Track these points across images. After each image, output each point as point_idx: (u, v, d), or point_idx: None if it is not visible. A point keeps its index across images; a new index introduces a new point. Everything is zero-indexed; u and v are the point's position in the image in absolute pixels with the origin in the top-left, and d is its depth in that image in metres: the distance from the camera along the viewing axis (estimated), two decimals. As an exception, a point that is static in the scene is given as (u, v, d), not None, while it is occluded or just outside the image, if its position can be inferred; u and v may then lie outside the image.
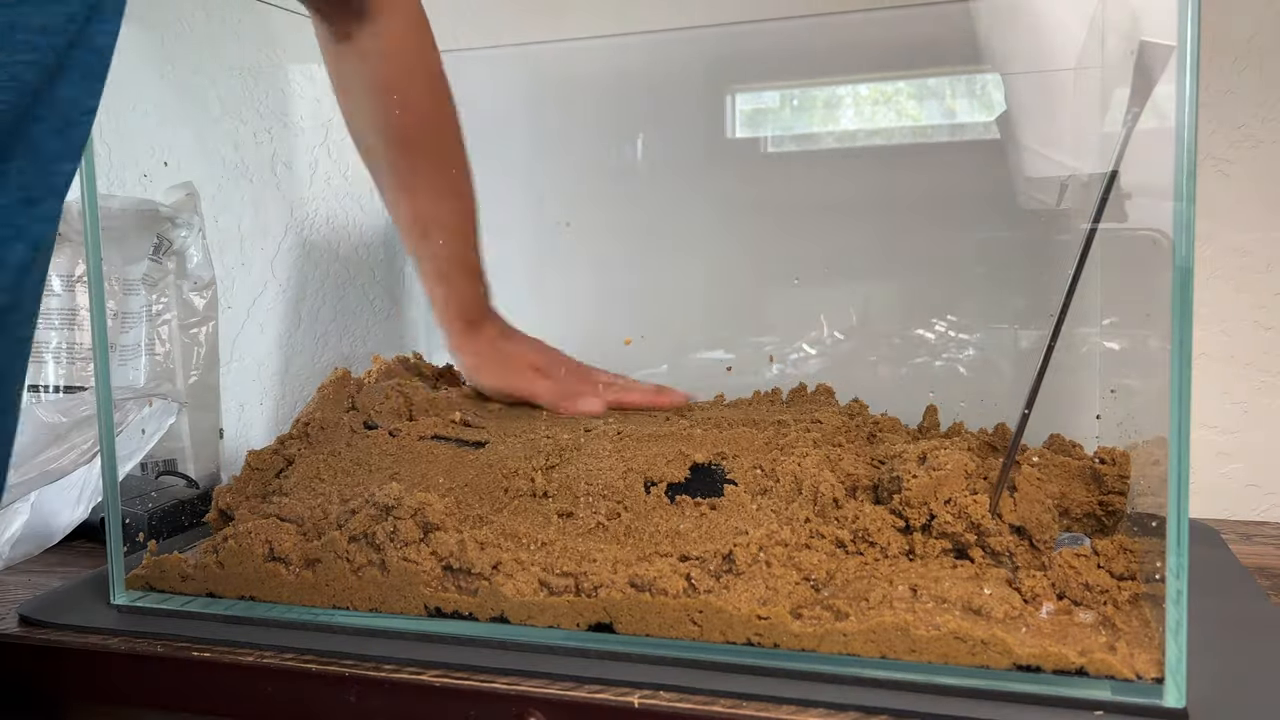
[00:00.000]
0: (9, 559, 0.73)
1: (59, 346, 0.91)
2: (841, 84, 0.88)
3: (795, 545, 0.55)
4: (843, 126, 0.89)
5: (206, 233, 0.95)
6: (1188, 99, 0.44)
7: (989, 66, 0.82)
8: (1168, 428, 0.45)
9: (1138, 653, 0.47)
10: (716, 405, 0.82)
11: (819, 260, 0.89)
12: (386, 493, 0.59)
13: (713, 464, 0.64)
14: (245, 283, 1.08)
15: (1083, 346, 0.81)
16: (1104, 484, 0.61)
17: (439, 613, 0.58)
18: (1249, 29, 0.79)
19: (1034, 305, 0.82)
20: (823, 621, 0.51)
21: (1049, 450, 0.68)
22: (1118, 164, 0.53)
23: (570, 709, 0.50)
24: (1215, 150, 0.81)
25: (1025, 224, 0.81)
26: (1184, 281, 0.45)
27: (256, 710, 0.56)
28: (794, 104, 0.90)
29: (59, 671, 0.59)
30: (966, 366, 0.85)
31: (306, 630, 0.58)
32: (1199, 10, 0.44)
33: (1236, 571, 0.65)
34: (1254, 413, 0.82)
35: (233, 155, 1.07)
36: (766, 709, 0.48)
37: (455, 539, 0.57)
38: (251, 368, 1.09)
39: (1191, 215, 0.44)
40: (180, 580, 0.63)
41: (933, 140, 0.86)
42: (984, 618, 0.49)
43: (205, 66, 1.07)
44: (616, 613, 0.54)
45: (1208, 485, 0.83)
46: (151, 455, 0.88)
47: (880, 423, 0.76)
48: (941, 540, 0.56)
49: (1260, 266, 0.81)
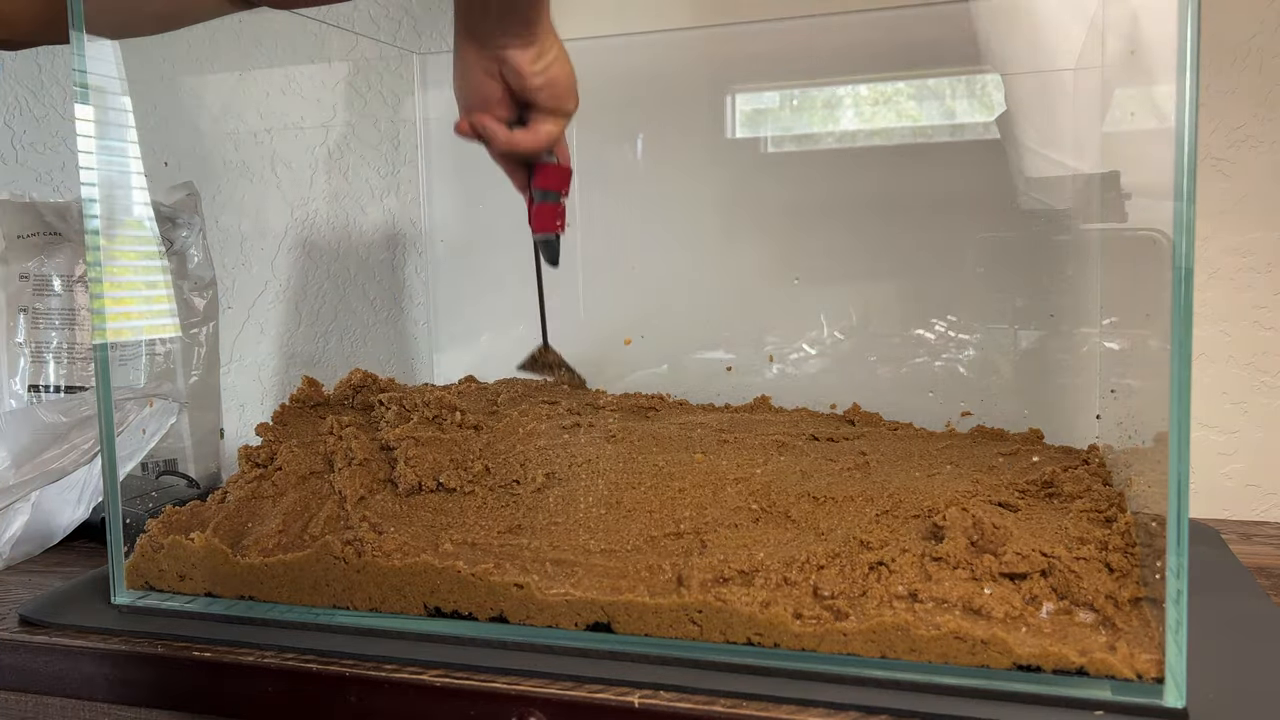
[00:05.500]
0: (9, 559, 0.74)
1: (59, 346, 0.91)
2: (841, 84, 0.88)
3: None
4: (843, 126, 0.89)
5: (207, 233, 0.95)
6: (1188, 99, 0.44)
7: (989, 66, 0.82)
8: (1168, 428, 0.45)
9: (1138, 653, 0.47)
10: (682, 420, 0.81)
11: (819, 260, 0.89)
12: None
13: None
14: (245, 283, 1.08)
15: (1083, 346, 0.81)
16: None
17: (439, 612, 0.58)
18: (1249, 29, 0.80)
19: (1034, 305, 0.83)
20: (823, 621, 0.51)
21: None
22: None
23: (570, 709, 0.50)
24: (1215, 150, 0.81)
25: (1025, 224, 0.81)
26: (1184, 281, 0.45)
27: (256, 710, 0.56)
28: (794, 104, 0.90)
29: (59, 671, 0.59)
30: (966, 366, 0.85)
31: (306, 630, 0.58)
32: (1199, 10, 0.44)
33: (1236, 571, 0.65)
34: (1254, 413, 0.82)
35: (233, 155, 1.07)
36: (766, 709, 0.48)
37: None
38: (252, 368, 1.09)
39: (1191, 215, 0.44)
40: (179, 580, 0.63)
41: (933, 140, 0.86)
42: (984, 618, 0.50)
43: (205, 66, 1.07)
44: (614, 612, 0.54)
45: (1208, 485, 0.83)
46: (152, 455, 0.88)
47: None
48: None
49: (1260, 266, 0.81)
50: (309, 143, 1.05)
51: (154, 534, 0.64)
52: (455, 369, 0.99)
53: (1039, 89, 0.80)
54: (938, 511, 0.57)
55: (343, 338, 1.06)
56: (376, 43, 1.01)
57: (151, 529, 0.65)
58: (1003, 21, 0.80)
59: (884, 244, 0.87)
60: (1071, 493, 0.63)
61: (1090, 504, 0.60)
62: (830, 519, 0.60)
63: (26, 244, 0.91)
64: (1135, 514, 0.56)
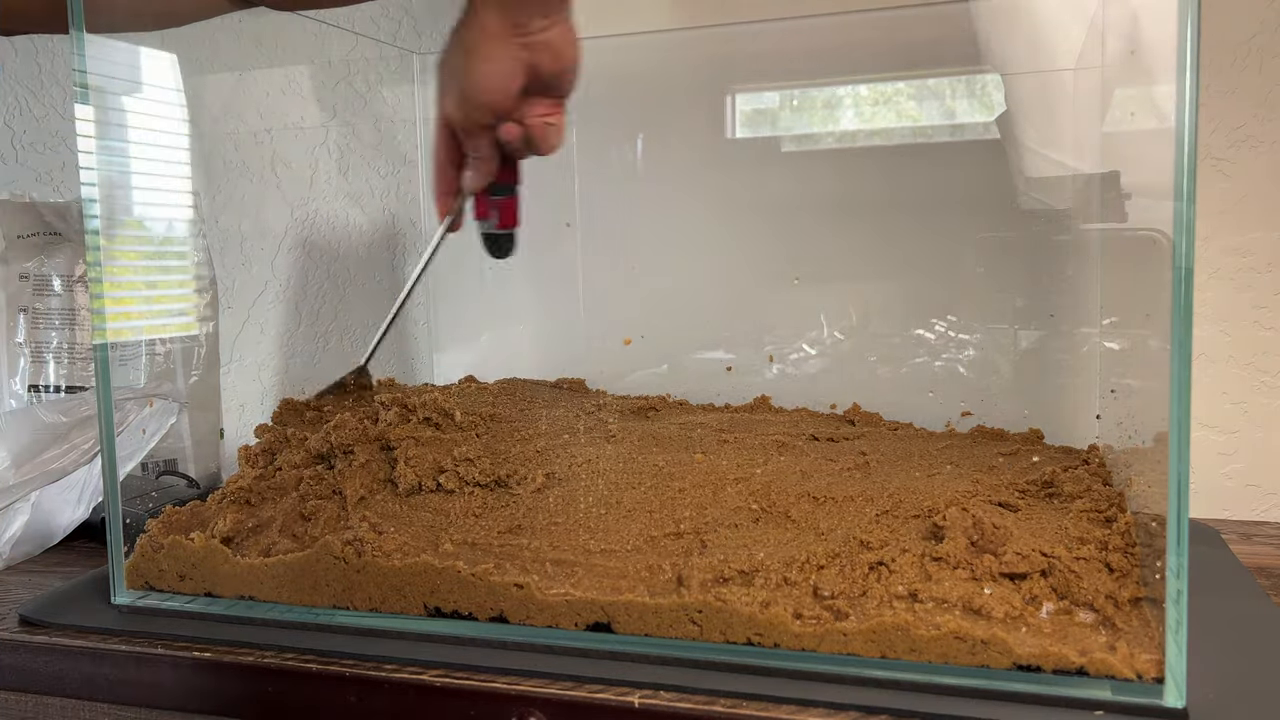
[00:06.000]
0: (9, 559, 0.74)
1: (59, 346, 0.91)
2: (841, 84, 0.88)
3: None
4: (843, 127, 0.89)
5: (207, 233, 0.95)
6: (1188, 99, 0.44)
7: (989, 66, 0.82)
8: (1168, 428, 0.45)
9: (1138, 653, 0.47)
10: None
11: (819, 260, 0.89)
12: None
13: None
14: (245, 283, 1.08)
15: (1083, 346, 0.81)
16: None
17: (439, 613, 0.58)
18: (1249, 29, 0.80)
19: (1034, 305, 0.83)
20: (823, 621, 0.51)
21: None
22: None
23: (570, 709, 0.50)
24: (1215, 150, 0.81)
25: (1025, 224, 0.81)
26: (1184, 281, 0.45)
27: (256, 710, 0.56)
28: (794, 104, 0.90)
29: (59, 671, 0.59)
30: (966, 366, 0.85)
31: (306, 630, 0.58)
32: (1199, 10, 0.44)
33: (1236, 571, 0.65)
34: (1254, 413, 0.82)
35: (233, 155, 1.07)
36: (766, 709, 0.48)
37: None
38: (252, 368, 1.09)
39: (1191, 215, 0.44)
40: (179, 580, 0.63)
41: (933, 140, 0.86)
42: (984, 618, 0.49)
43: (205, 66, 1.07)
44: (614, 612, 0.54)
45: (1208, 485, 0.83)
46: (152, 455, 0.88)
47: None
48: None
49: (1260, 266, 0.81)
50: (309, 143, 1.05)
51: (154, 534, 0.64)
52: (455, 369, 0.99)
53: (1039, 89, 0.80)
54: (938, 511, 0.57)
55: (343, 338, 1.06)
56: (376, 43, 1.01)
57: (151, 529, 0.65)
58: (1003, 21, 0.80)
59: (884, 244, 0.87)
60: (1071, 493, 0.63)
61: (1090, 504, 0.60)
62: (830, 519, 0.60)
63: (26, 244, 0.91)
64: (1135, 514, 0.56)
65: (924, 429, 0.82)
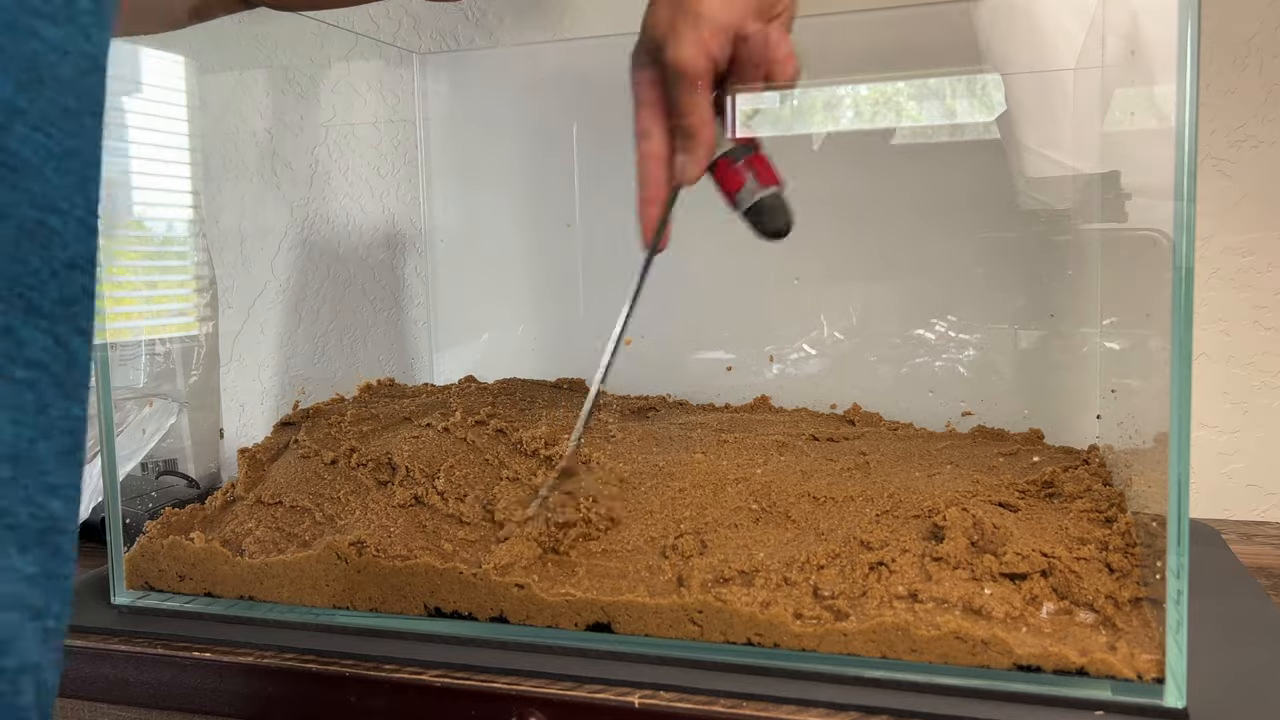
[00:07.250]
0: (9, 559, 0.73)
1: (59, 346, 0.90)
2: (841, 84, 0.88)
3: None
4: (843, 126, 0.88)
5: (207, 233, 0.95)
6: (1188, 99, 0.44)
7: (989, 67, 0.82)
8: (1168, 428, 0.45)
9: (1138, 653, 0.47)
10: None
11: (819, 260, 0.89)
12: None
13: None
14: (245, 283, 1.08)
15: (1083, 346, 0.81)
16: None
17: (439, 613, 0.58)
18: (1249, 29, 0.80)
19: (1034, 305, 0.83)
20: (823, 621, 0.51)
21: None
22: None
23: (570, 709, 0.50)
24: (1215, 150, 0.81)
25: (1025, 224, 0.81)
26: (1184, 281, 0.45)
27: (256, 710, 0.56)
28: (794, 104, 0.90)
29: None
30: (966, 366, 0.85)
31: (306, 630, 0.58)
32: (1199, 10, 0.44)
33: (1236, 571, 0.65)
34: (1254, 413, 0.82)
35: (233, 155, 1.07)
36: (766, 709, 0.48)
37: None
38: (251, 368, 1.09)
39: (1192, 215, 0.44)
40: (179, 580, 0.63)
41: (933, 140, 0.86)
42: (984, 618, 0.49)
43: (205, 66, 1.07)
44: (614, 612, 0.54)
45: (1208, 485, 0.83)
46: (152, 455, 0.88)
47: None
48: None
49: (1260, 266, 0.81)
50: (309, 143, 1.05)
51: (153, 534, 0.64)
52: (455, 369, 0.99)
53: (1039, 89, 0.80)
54: (938, 511, 0.57)
55: (342, 338, 1.06)
56: (376, 43, 1.01)
57: (151, 529, 0.65)
58: (1003, 21, 0.80)
59: (884, 244, 0.87)
60: (1071, 493, 0.62)
61: (1090, 504, 0.60)
62: (830, 519, 0.60)
63: (26, 244, 0.91)
64: (1135, 514, 0.56)
65: (924, 429, 0.82)
